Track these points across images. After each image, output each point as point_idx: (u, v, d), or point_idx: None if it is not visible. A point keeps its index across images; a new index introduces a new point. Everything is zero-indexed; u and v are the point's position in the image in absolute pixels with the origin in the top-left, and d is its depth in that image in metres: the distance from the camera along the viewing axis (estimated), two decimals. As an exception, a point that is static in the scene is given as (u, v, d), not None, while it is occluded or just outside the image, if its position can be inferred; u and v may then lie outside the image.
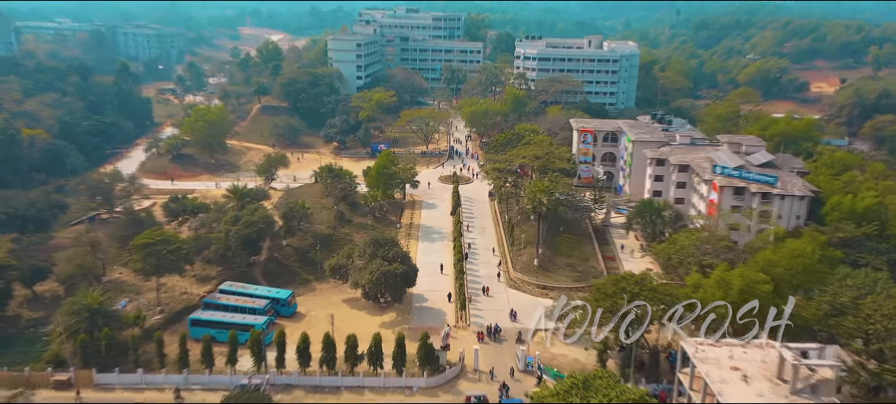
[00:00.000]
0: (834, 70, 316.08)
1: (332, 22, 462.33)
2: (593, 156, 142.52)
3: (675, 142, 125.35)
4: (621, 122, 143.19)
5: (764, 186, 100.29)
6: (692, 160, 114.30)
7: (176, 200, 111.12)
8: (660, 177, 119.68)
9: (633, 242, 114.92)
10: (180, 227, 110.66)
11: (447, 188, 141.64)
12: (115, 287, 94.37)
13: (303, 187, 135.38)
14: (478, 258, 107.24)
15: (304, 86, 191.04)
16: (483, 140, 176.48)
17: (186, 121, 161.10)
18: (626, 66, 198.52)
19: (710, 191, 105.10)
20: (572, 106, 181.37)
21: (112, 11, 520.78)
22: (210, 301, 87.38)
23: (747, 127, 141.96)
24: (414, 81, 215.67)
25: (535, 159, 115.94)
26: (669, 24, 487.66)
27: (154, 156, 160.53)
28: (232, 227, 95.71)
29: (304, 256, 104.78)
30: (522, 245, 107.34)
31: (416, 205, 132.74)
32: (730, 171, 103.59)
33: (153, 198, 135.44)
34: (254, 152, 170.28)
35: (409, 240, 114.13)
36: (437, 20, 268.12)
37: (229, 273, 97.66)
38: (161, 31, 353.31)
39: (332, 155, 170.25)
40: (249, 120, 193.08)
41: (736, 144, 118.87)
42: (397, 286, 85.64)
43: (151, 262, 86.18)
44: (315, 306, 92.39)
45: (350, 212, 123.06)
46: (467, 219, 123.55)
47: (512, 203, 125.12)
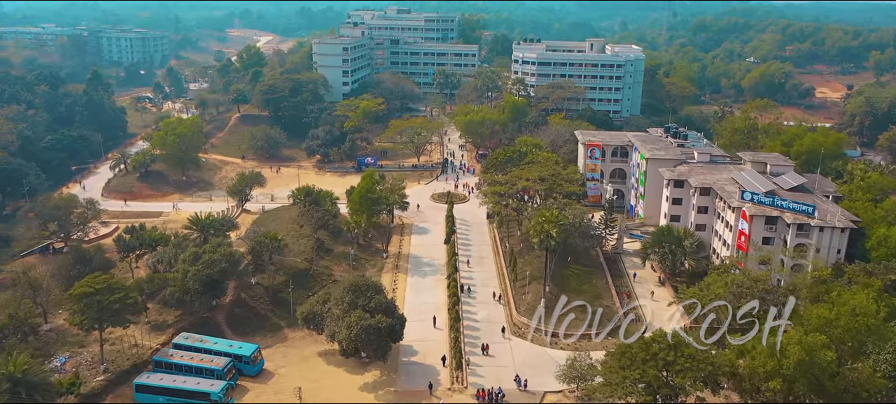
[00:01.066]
0: (835, 75, 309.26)
1: (322, 23, 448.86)
2: (601, 172, 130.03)
3: (693, 160, 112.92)
4: (632, 136, 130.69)
5: (800, 216, 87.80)
6: (715, 182, 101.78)
7: (131, 231, 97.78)
8: (678, 200, 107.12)
9: (649, 274, 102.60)
10: (138, 262, 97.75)
11: (440, 208, 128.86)
12: (55, 338, 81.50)
13: (279, 210, 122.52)
14: (476, 298, 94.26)
15: (285, 93, 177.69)
16: (480, 152, 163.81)
17: (156, 135, 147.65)
18: (630, 72, 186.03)
19: (738, 220, 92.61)
20: (574, 114, 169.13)
21: (100, 14, 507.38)
22: (161, 359, 74.36)
23: (767, 141, 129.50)
24: (405, 87, 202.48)
25: (541, 182, 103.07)
26: (666, 26, 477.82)
27: (121, 173, 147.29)
28: (191, 267, 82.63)
29: (276, 297, 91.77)
30: (527, 280, 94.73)
31: (405, 230, 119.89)
32: (761, 199, 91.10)
33: (115, 222, 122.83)
34: (230, 167, 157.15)
35: (396, 275, 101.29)
36: (429, 21, 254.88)
37: (188, 319, 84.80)
38: (145, 34, 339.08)
39: (314, 169, 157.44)
40: (227, 131, 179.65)
41: (760, 163, 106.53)
42: (380, 342, 72.74)
43: (91, 315, 73.02)
44: (286, 361, 79.43)
45: (331, 241, 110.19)
46: (463, 247, 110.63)
47: (513, 227, 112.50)
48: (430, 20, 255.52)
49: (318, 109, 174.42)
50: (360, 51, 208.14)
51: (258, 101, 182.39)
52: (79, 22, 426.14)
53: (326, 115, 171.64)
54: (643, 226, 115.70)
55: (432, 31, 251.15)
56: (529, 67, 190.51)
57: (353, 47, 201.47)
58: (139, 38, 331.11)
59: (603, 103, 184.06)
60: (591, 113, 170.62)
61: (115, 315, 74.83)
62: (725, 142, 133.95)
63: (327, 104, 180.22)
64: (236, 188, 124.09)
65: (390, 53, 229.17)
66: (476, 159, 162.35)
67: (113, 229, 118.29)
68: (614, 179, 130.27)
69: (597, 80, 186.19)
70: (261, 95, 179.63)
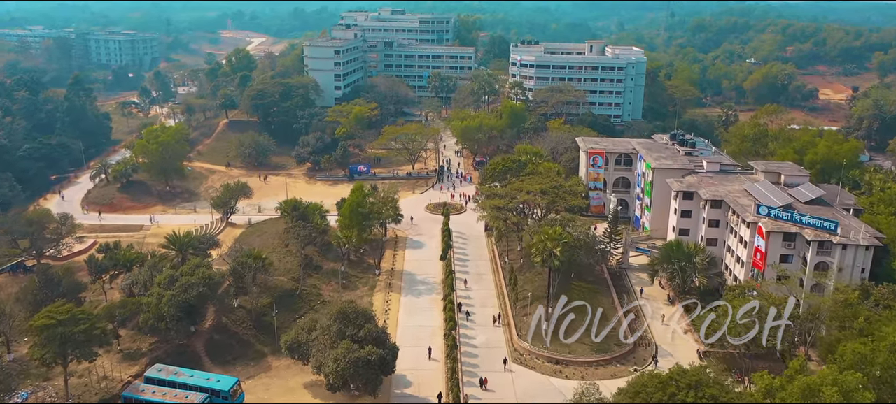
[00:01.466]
0: (836, 76, 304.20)
1: (316, 24, 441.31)
2: (604, 182, 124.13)
3: (703, 170, 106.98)
4: (636, 143, 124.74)
5: (822, 233, 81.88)
6: (727, 194, 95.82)
7: (105, 250, 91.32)
8: (687, 213, 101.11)
9: (657, 291, 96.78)
10: (112, 283, 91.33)
11: (436, 220, 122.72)
12: (19, 370, 74.85)
13: (266, 223, 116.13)
14: (474, 320, 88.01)
15: (275, 98, 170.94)
16: (477, 159, 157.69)
17: (137, 144, 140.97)
18: (632, 75, 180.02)
19: (754, 236, 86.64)
20: (574, 119, 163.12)
21: (90, 15, 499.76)
22: (130, 396, 68.00)
23: (778, 148, 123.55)
24: (399, 91, 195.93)
25: (542, 195, 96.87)
26: (664, 26, 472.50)
27: (102, 183, 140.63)
28: (166, 292, 76.29)
29: (260, 320, 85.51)
30: (528, 300, 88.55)
31: (399, 244, 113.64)
32: (778, 213, 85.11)
33: (93, 237, 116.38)
34: (217, 176, 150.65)
35: (389, 294, 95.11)
36: (424, 23, 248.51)
37: (163, 348, 78.57)
38: (134, 36, 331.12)
39: (304, 178, 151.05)
40: (214, 137, 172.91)
41: (773, 173, 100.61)
42: (371, 376, 66.54)
43: (53, 349, 66.62)
44: (269, 393, 73.21)
45: (320, 257, 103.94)
46: (460, 263, 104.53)
47: (513, 241, 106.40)
48: (424, 22, 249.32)
49: (308, 115, 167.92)
50: (352, 54, 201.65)
51: (246, 106, 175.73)
52: (68, 24, 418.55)
53: (317, 121, 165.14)
54: (650, 240, 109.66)
55: (427, 32, 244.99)
56: (527, 70, 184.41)
57: (346, 50, 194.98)
58: (128, 40, 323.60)
59: (603, 107, 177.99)
60: (592, 117, 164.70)
61: (80, 347, 68.52)
62: (734, 150, 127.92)
63: (318, 109, 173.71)
64: (221, 200, 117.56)
65: (384, 56, 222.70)
66: (473, 166, 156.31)
67: (90, 245, 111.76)
68: (618, 189, 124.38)
69: (597, 83, 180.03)
70: (249, 100, 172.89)
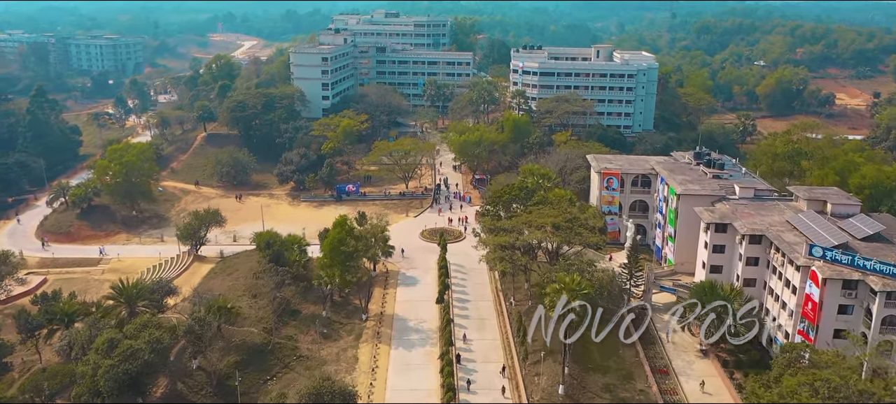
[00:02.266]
0: (849, 79, 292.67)
1: (309, 26, 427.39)
2: (620, 205, 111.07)
3: (735, 197, 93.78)
4: (655, 162, 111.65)
5: (890, 281, 68.70)
6: (768, 228, 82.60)
7: (42, 300, 77.68)
8: (720, 247, 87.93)
9: (686, 338, 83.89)
10: (51, 339, 77.59)
11: (431, 249, 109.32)
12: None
13: (238, 257, 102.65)
14: (476, 382, 74.62)
15: (257, 110, 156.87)
16: (477, 176, 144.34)
17: (99, 164, 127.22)
18: (643, 82, 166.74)
19: (805, 281, 73.46)
20: (582, 130, 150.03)
21: (78, 18, 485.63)
22: None
23: (814, 168, 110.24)
24: (392, 101, 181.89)
25: (555, 230, 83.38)
26: (666, 27, 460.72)
27: (61, 208, 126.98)
28: (103, 361, 62.77)
29: (223, 385, 72.09)
30: (540, 356, 75.37)
31: (390, 280, 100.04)
32: (836, 256, 71.83)
33: (44, 274, 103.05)
34: (192, 197, 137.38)
35: (377, 346, 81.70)
36: (419, 26, 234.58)
37: (102, 427, 64.96)
38: (117, 41, 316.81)
39: (287, 199, 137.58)
40: (191, 153, 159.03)
41: (818, 201, 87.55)
42: (350, 479, 53.21)
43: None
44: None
45: (299, 299, 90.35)
46: (459, 304, 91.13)
47: (519, 279, 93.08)
48: (419, 25, 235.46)
49: (292, 128, 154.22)
50: (342, 60, 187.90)
51: (226, 118, 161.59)
52: (54, 27, 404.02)
53: (302, 136, 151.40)
54: (675, 275, 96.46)
55: (423, 36, 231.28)
56: (530, 78, 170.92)
57: (335, 57, 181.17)
58: (110, 44, 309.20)
59: (613, 117, 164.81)
60: (601, 130, 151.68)
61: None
62: (766, 170, 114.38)
63: (304, 122, 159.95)
64: (189, 231, 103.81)
65: (376, 62, 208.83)
66: (472, 184, 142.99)
67: (37, 284, 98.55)
68: (635, 213, 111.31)
69: (606, 91, 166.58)
70: (228, 112, 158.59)
